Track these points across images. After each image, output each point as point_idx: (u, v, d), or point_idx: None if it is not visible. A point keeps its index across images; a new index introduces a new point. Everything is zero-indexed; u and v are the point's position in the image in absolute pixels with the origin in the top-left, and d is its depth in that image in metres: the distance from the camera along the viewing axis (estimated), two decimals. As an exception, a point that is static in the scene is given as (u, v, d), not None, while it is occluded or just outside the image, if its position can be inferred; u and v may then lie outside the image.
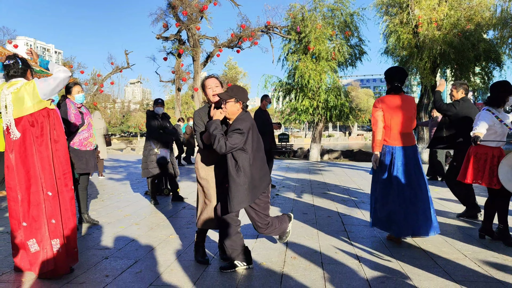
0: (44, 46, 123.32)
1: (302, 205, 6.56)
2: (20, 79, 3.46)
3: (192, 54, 21.25)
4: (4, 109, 3.35)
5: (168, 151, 6.66)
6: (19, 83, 3.40)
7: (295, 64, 18.83)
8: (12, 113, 3.34)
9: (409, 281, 3.25)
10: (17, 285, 3.20)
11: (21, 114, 3.34)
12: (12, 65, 3.46)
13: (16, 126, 3.35)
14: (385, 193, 4.28)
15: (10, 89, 3.36)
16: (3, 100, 3.36)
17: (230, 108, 3.43)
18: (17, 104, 3.33)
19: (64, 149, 3.53)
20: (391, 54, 19.05)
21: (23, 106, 3.33)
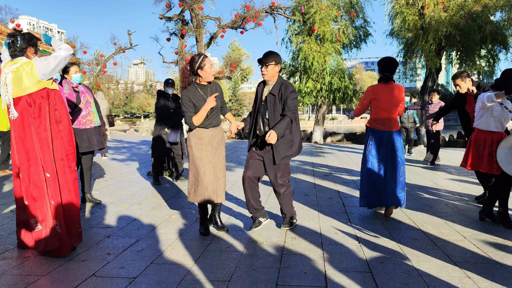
0: (47, 26, 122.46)
1: (303, 186, 6.58)
2: (21, 58, 3.42)
3: (196, 35, 21.04)
4: (5, 87, 3.34)
5: (178, 131, 6.72)
6: (19, 62, 3.37)
7: (299, 45, 18.64)
8: (11, 93, 3.32)
9: (408, 262, 3.28)
10: (20, 262, 3.24)
11: (20, 94, 3.32)
12: (12, 43, 3.41)
13: (14, 106, 3.34)
14: (366, 170, 4.72)
15: (11, 67, 3.33)
16: (3, 78, 3.34)
17: (271, 71, 3.90)
18: (16, 84, 3.31)
19: (67, 130, 3.53)
20: (396, 36, 18.85)
21: (22, 86, 3.31)
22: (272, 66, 3.90)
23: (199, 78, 3.84)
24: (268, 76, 3.93)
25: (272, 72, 3.92)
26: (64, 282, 2.87)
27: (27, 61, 3.37)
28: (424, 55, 17.90)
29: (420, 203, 5.39)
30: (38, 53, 3.57)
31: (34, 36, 3.53)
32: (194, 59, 3.79)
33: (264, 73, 3.93)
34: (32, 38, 3.50)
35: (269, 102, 3.93)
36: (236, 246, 3.66)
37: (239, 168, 8.71)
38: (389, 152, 4.61)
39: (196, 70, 3.79)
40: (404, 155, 4.68)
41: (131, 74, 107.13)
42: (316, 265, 3.20)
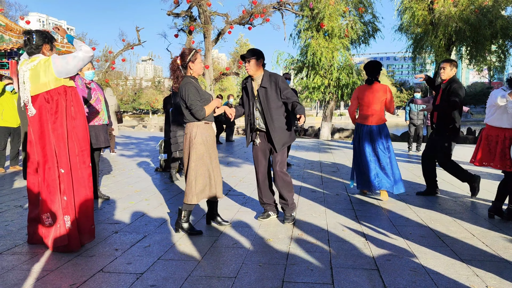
0: (56, 22, 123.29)
1: (310, 183, 6.57)
2: (38, 55, 3.45)
3: (203, 31, 21.05)
4: (23, 85, 3.37)
5: None
6: (36, 59, 3.40)
7: (307, 41, 18.56)
8: (29, 90, 3.36)
9: (415, 259, 3.26)
10: (29, 257, 3.28)
11: (37, 91, 3.35)
12: (28, 41, 3.44)
13: (32, 103, 3.37)
14: (356, 159, 5.50)
15: (29, 65, 3.37)
16: (21, 76, 3.38)
17: (253, 66, 4.04)
18: (34, 81, 3.34)
19: (82, 126, 3.55)
20: (405, 31, 18.69)
21: (39, 83, 3.34)
22: (254, 60, 4.06)
23: (189, 71, 3.87)
24: (251, 71, 4.10)
25: (254, 66, 4.08)
26: (72, 277, 2.90)
27: (44, 58, 3.40)
28: (434, 51, 17.75)
29: (428, 200, 5.35)
30: (54, 50, 3.58)
31: (48, 33, 3.56)
32: (185, 52, 3.85)
33: (247, 68, 4.09)
34: (47, 35, 3.53)
35: (261, 96, 4.09)
36: (243, 242, 3.67)
37: (246, 164, 8.72)
38: (369, 143, 5.32)
39: (187, 64, 3.84)
40: (385, 146, 5.28)
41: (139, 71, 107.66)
42: (322, 262, 3.20)
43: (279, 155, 4.19)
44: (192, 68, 3.86)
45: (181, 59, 3.88)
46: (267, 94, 4.07)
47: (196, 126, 3.81)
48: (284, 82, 4.10)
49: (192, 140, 3.79)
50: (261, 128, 4.20)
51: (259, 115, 4.17)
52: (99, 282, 2.83)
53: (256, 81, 4.15)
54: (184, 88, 3.75)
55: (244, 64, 4.12)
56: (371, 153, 5.30)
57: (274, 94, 4.07)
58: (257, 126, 4.20)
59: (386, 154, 5.27)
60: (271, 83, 4.08)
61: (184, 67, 3.88)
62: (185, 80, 3.81)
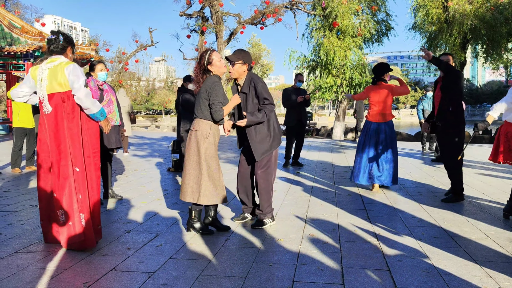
0: (71, 24, 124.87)
1: (322, 183, 6.55)
2: (59, 56, 3.52)
3: (215, 31, 21.14)
4: (40, 83, 3.44)
5: None
6: (57, 60, 3.47)
7: (320, 40, 18.49)
8: (46, 88, 3.42)
9: (427, 260, 3.23)
10: (44, 255, 3.34)
11: (53, 90, 3.42)
12: (54, 40, 3.51)
13: (48, 101, 3.44)
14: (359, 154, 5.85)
15: (49, 64, 3.44)
16: (40, 73, 3.44)
17: (238, 69, 3.93)
18: (51, 80, 3.41)
19: (95, 128, 3.63)
20: (419, 30, 18.51)
21: (56, 83, 3.40)
22: (239, 65, 3.92)
23: (212, 72, 3.82)
24: (235, 75, 3.96)
25: (239, 70, 3.94)
26: (85, 276, 2.95)
27: (66, 63, 3.46)
28: (448, 49, 17.51)
29: (441, 201, 5.29)
30: (75, 53, 3.66)
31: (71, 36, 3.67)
32: (202, 56, 3.81)
33: (230, 71, 3.96)
34: (71, 39, 3.64)
35: (242, 101, 3.97)
36: (254, 242, 3.68)
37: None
38: (374, 139, 5.72)
39: (206, 67, 3.79)
40: (388, 142, 5.69)
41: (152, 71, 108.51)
42: (333, 262, 3.19)
43: (261, 161, 4.06)
44: (213, 70, 3.80)
45: (198, 64, 3.84)
46: (247, 100, 3.95)
47: (210, 125, 3.77)
48: (263, 88, 3.93)
49: (204, 139, 3.73)
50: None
51: (240, 119, 4.11)
52: (112, 281, 2.87)
53: (240, 85, 4.03)
54: (212, 86, 3.67)
55: (228, 66, 3.98)
56: (373, 149, 5.72)
57: (253, 100, 3.95)
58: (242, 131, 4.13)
59: (387, 150, 5.69)
60: (250, 88, 3.94)
61: (204, 71, 3.81)
62: (213, 78, 3.75)
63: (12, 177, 7.04)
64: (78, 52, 18.32)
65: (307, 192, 5.81)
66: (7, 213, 4.66)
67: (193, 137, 3.75)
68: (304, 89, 8.49)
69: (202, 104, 3.73)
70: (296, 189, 6.03)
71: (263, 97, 3.93)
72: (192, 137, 3.76)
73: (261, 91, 3.93)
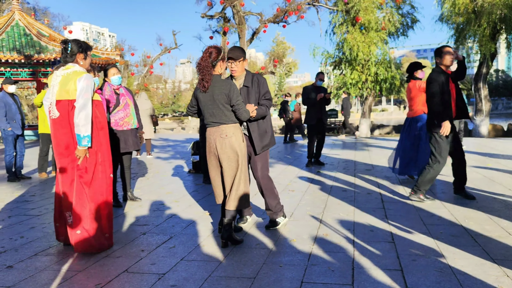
0: (99, 30, 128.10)
1: (342, 182, 6.46)
2: (73, 64, 3.58)
3: (238, 31, 21.20)
4: (52, 88, 3.53)
5: None
6: (71, 68, 3.54)
7: (343, 36, 18.25)
8: (55, 94, 3.51)
9: (442, 259, 3.13)
10: (61, 258, 3.44)
11: (61, 97, 3.49)
12: (63, 50, 3.58)
13: (56, 106, 3.51)
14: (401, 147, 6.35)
15: (63, 72, 3.52)
16: (54, 79, 3.53)
17: (240, 66, 3.94)
18: (61, 87, 3.49)
19: (106, 137, 3.68)
20: (446, 21, 17.94)
21: (64, 90, 3.48)
22: (242, 62, 3.94)
23: (218, 71, 3.65)
24: (238, 72, 3.96)
25: (241, 67, 3.97)
26: (98, 277, 3.01)
27: (80, 72, 3.52)
28: (478, 40, 16.91)
29: (464, 198, 5.12)
30: (88, 59, 3.69)
31: (84, 43, 3.69)
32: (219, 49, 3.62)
33: (234, 69, 3.93)
34: (82, 44, 3.65)
35: (243, 95, 3.95)
36: (266, 243, 3.67)
37: (279, 164, 8.70)
38: (408, 132, 6.24)
39: (218, 62, 3.61)
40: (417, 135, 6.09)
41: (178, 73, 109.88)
42: (344, 263, 3.14)
43: (259, 160, 4.04)
44: (217, 69, 3.64)
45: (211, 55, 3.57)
46: (249, 94, 3.95)
47: (239, 128, 3.65)
48: (265, 84, 4.00)
49: (240, 144, 3.60)
50: (244, 132, 4.05)
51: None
52: (123, 282, 2.92)
53: (238, 80, 4.01)
54: (230, 88, 3.54)
55: (230, 64, 3.93)
56: (408, 142, 6.21)
57: (255, 94, 3.96)
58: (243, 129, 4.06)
59: (418, 143, 6.11)
60: (253, 82, 3.97)
61: (213, 65, 3.59)
62: (228, 81, 3.60)
63: (39, 182, 7.28)
64: (104, 58, 18.79)
65: (325, 192, 5.75)
66: (30, 217, 4.83)
67: (228, 144, 3.56)
68: (324, 87, 8.40)
69: (224, 109, 3.56)
70: (315, 189, 5.98)
71: (265, 91, 3.98)
72: (226, 144, 3.56)
73: (264, 85, 4.00)
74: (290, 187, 6.16)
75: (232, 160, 3.58)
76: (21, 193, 6.32)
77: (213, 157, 3.68)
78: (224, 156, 3.57)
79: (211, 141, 3.64)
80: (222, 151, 3.57)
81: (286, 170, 7.81)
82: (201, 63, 3.52)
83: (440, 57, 4.90)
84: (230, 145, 3.56)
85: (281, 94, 71.58)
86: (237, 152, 3.58)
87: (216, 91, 3.53)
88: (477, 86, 17.75)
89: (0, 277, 3.06)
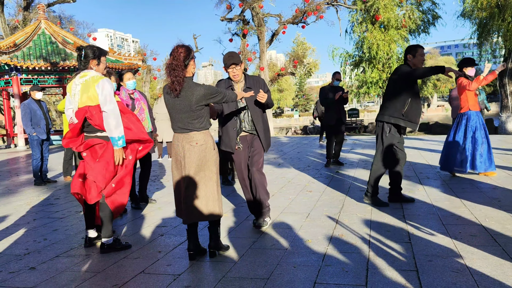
0: (123, 36, 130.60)
1: (361, 182, 6.41)
2: (89, 71, 3.67)
3: (257, 33, 21.27)
4: (73, 97, 3.64)
5: None
6: (88, 75, 3.62)
7: (362, 35, 18.10)
8: (78, 102, 3.61)
9: (459, 260, 3.08)
10: (81, 259, 3.53)
11: (83, 104, 3.59)
12: (79, 56, 3.69)
13: (77, 113, 3.62)
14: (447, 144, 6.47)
15: (81, 79, 3.60)
16: (73, 88, 3.64)
17: (240, 70, 4.05)
18: (82, 95, 3.59)
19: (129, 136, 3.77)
20: (468, 17, 17.58)
21: (87, 97, 3.57)
22: (241, 66, 4.09)
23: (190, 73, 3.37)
24: (239, 76, 4.06)
25: (241, 71, 4.10)
26: (116, 278, 3.09)
27: (97, 77, 3.60)
28: (501, 35, 16.50)
29: (486, 196, 5.01)
30: (101, 65, 3.77)
31: (98, 49, 3.78)
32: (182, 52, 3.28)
33: (236, 73, 4.02)
34: (95, 51, 3.73)
35: (248, 99, 4.07)
36: (282, 243, 3.68)
37: (297, 165, 8.68)
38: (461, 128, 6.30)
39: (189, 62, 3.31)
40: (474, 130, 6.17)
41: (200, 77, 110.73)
42: (359, 263, 3.13)
43: (259, 156, 4.14)
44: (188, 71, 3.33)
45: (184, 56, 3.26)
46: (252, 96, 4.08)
47: (210, 136, 3.43)
48: (265, 83, 4.20)
49: (211, 151, 3.37)
50: (247, 131, 4.13)
51: (246, 117, 4.11)
52: (139, 283, 2.98)
53: (238, 84, 4.11)
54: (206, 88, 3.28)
55: (233, 69, 3.99)
56: (458, 138, 6.31)
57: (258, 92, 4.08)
58: (244, 128, 4.12)
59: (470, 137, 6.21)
60: (254, 83, 4.10)
61: (186, 65, 3.27)
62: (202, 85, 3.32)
63: (64, 185, 7.49)
64: (126, 63, 19.15)
65: (343, 192, 5.71)
66: (54, 220, 4.97)
67: (198, 152, 3.31)
68: (341, 87, 8.35)
69: (196, 115, 3.29)
70: (333, 189, 5.95)
71: (267, 89, 4.13)
72: (196, 152, 3.31)
73: (265, 84, 4.19)
74: (308, 187, 6.15)
75: (200, 168, 3.32)
76: (46, 196, 6.52)
77: (179, 167, 3.39)
78: (191, 165, 3.30)
79: (179, 148, 3.36)
80: (191, 159, 3.30)
81: (305, 170, 7.79)
82: (172, 62, 3.22)
83: (414, 56, 4.75)
84: (199, 153, 3.30)
85: (302, 95, 71.49)
86: (206, 161, 3.33)
87: (189, 95, 3.23)
88: (503, 82, 17.30)
89: (23, 278, 3.17)
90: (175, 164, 3.44)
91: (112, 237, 3.68)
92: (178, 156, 3.39)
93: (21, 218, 5.16)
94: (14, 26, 24.60)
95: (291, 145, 13.44)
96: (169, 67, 3.25)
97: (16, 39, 17.99)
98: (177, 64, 3.21)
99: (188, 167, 3.31)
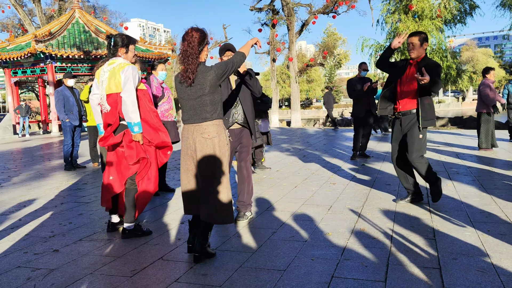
0: (155, 26, 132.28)
1: (387, 176, 6.26)
2: (116, 58, 3.73)
3: (287, 23, 21.04)
4: (101, 84, 3.69)
5: (267, 121, 6.99)
6: (116, 62, 3.68)
7: (395, 25, 17.62)
8: (105, 89, 3.66)
9: (486, 259, 2.95)
10: (103, 244, 3.60)
11: (110, 91, 3.64)
12: (108, 44, 3.75)
13: (107, 100, 3.68)
14: None
15: (109, 67, 3.67)
16: (102, 75, 3.70)
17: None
18: (109, 81, 3.64)
19: (148, 124, 3.79)
20: (508, 7, 16.80)
21: (113, 84, 3.62)
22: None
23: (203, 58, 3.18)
24: None
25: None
26: (134, 264, 3.12)
27: (124, 64, 3.66)
28: (544, 26, 15.70)
29: None
30: (129, 53, 3.80)
31: (127, 37, 3.81)
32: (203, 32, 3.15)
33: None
34: (124, 39, 3.77)
35: (241, 87, 4.05)
36: (301, 235, 3.63)
37: (323, 156, 8.57)
38: None
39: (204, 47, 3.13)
40: None
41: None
42: (379, 258, 3.04)
43: (246, 153, 4.21)
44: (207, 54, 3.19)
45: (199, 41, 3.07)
46: (245, 85, 4.05)
47: (223, 128, 3.18)
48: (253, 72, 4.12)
49: (224, 146, 3.13)
50: (240, 123, 4.08)
51: (238, 109, 4.06)
52: (157, 269, 3.01)
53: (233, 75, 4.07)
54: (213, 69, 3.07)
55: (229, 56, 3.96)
56: None
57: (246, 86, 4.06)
58: (236, 120, 4.05)
59: None
60: (248, 69, 4.02)
61: (200, 52, 3.08)
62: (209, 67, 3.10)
63: (92, 171, 7.67)
64: (156, 52, 19.37)
65: (368, 185, 5.59)
66: (80, 204, 5.09)
67: (210, 146, 3.07)
68: (369, 77, 8.14)
69: (211, 98, 3.08)
70: (357, 182, 5.83)
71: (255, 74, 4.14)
72: (208, 146, 3.07)
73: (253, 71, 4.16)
74: (332, 179, 6.06)
75: (213, 164, 3.08)
76: (75, 181, 6.69)
77: (189, 160, 3.16)
78: (204, 159, 3.07)
79: (189, 141, 3.13)
80: (202, 153, 3.07)
81: (330, 162, 7.68)
82: (187, 50, 3.01)
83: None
84: (213, 148, 3.07)
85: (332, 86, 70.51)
86: (220, 156, 3.10)
87: (202, 81, 3.03)
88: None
89: (46, 260, 3.25)
90: (185, 158, 3.17)
91: (133, 222, 3.73)
92: (189, 149, 3.13)
93: (50, 201, 5.31)
94: (50, 16, 25.28)
95: (317, 136, 13.28)
96: (183, 54, 3.03)
97: (51, 28, 18.49)
98: (191, 51, 3.00)
99: (203, 163, 3.07)
